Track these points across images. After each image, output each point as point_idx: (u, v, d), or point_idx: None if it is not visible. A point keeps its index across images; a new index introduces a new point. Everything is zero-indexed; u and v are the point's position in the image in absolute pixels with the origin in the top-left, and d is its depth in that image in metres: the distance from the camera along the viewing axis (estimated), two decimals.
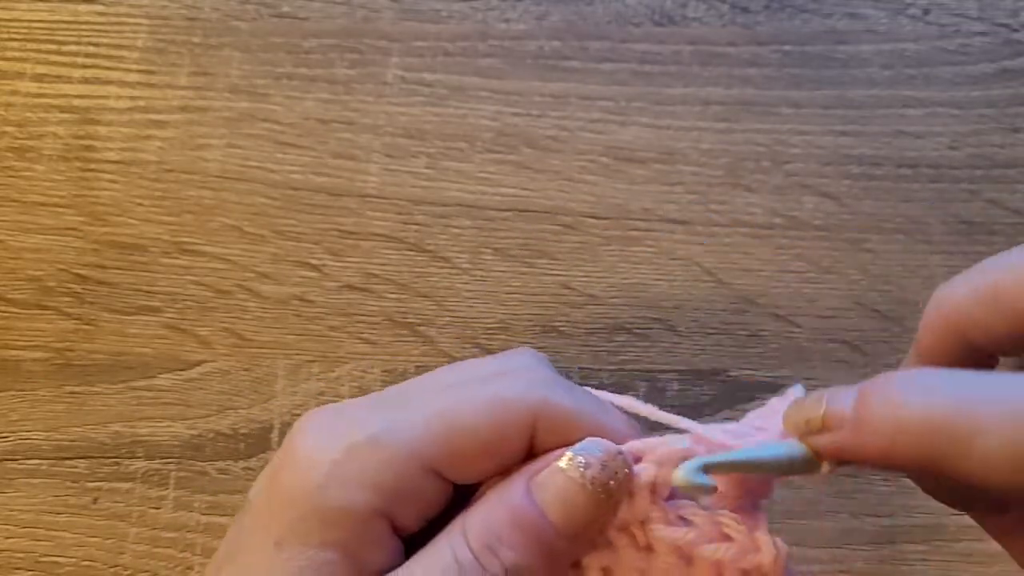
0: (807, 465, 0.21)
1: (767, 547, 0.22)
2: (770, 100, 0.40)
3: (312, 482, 0.22)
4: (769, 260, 0.38)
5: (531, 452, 0.24)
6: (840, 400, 0.20)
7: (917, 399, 0.19)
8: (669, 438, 0.23)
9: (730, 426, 0.23)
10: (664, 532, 0.23)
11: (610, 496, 0.22)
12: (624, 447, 0.23)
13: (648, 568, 0.23)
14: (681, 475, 0.21)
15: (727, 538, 0.23)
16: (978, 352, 0.22)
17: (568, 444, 0.23)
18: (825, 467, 0.21)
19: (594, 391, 0.25)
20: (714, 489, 0.21)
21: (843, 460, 0.21)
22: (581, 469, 0.22)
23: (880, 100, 0.40)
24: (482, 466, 0.23)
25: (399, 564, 0.23)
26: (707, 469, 0.21)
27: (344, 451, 0.22)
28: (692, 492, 0.22)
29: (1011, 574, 0.25)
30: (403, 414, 0.23)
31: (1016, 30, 0.40)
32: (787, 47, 0.41)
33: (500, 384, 0.23)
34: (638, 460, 0.23)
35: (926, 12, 0.41)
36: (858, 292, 0.38)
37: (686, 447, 0.23)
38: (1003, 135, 0.39)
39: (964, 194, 0.39)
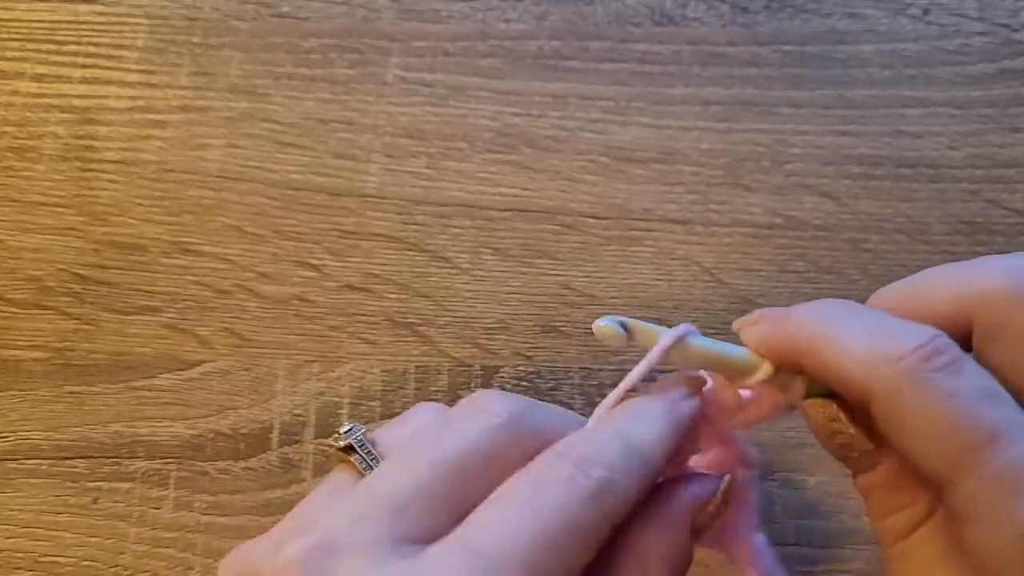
0: (748, 366, 0.25)
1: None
2: (770, 100, 0.40)
3: None
4: (769, 260, 0.38)
5: None
6: (776, 310, 0.26)
7: (824, 309, 0.25)
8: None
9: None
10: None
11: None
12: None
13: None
14: (601, 323, 0.25)
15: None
16: None
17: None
18: (763, 369, 0.25)
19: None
20: (624, 338, 0.25)
21: (770, 358, 0.25)
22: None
23: (880, 100, 0.40)
24: None
25: None
26: (677, 350, 0.25)
27: None
28: (607, 339, 0.25)
29: None
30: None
31: (1016, 30, 0.40)
32: (787, 47, 0.41)
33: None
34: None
35: (926, 12, 0.41)
36: (858, 292, 0.38)
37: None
38: (1003, 135, 0.39)
39: (964, 194, 0.39)
